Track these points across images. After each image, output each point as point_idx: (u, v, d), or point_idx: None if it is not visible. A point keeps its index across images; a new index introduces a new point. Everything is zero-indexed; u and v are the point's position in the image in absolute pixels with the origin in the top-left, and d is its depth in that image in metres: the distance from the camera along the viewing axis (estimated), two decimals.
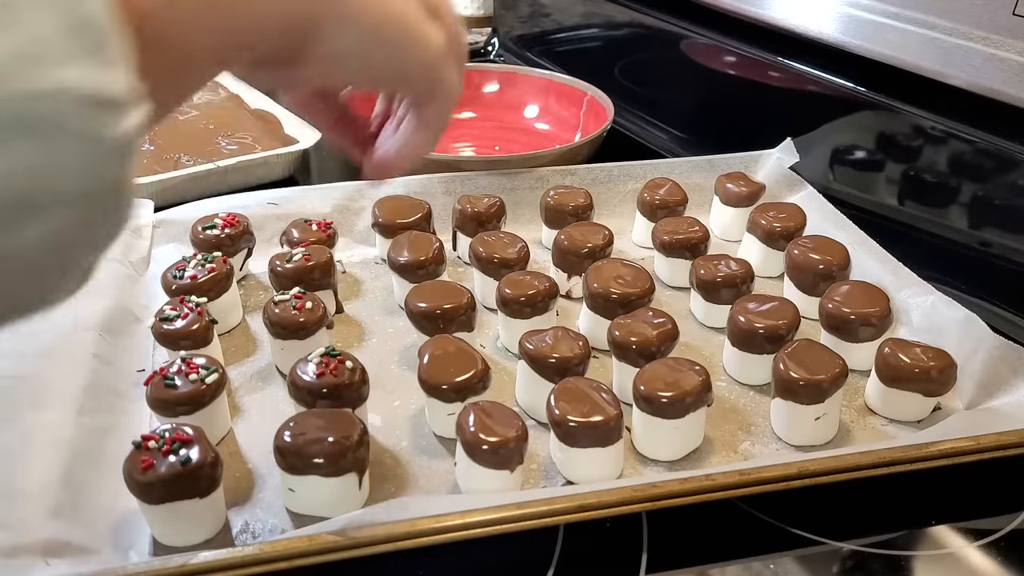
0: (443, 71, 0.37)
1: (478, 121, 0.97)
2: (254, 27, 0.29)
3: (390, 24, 0.34)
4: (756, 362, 0.56)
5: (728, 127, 0.89)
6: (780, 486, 0.44)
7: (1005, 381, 0.53)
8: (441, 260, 0.63)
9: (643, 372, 0.50)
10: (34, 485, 0.44)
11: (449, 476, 0.48)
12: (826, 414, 0.50)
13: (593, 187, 0.74)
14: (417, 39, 0.35)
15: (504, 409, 0.47)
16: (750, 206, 0.72)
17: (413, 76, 0.37)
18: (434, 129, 0.40)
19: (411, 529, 0.40)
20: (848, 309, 0.56)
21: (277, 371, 0.57)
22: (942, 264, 0.67)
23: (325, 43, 0.32)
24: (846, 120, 0.75)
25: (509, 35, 1.23)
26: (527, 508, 0.41)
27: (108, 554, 0.42)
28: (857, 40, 0.72)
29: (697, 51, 0.91)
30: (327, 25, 0.32)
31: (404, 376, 0.56)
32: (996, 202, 0.64)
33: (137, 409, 0.52)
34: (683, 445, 0.50)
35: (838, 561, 0.45)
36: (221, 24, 0.28)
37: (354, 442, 0.44)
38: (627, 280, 0.59)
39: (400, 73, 0.36)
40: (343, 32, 0.32)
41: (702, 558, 0.45)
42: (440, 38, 0.36)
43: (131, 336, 0.58)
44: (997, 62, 0.61)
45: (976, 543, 0.46)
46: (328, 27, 0.32)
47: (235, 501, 0.46)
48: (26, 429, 0.46)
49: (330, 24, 0.32)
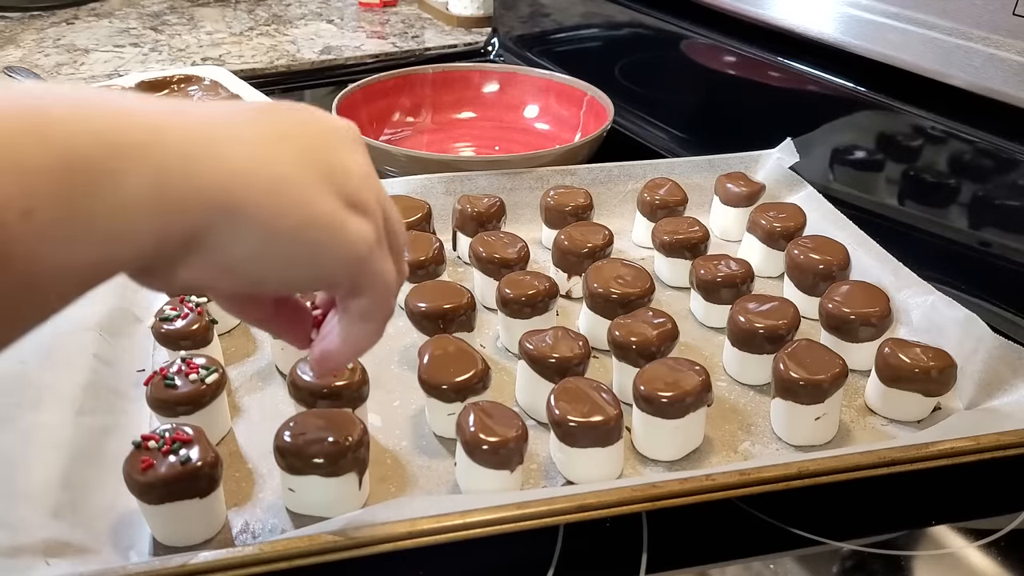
0: (371, 264, 0.33)
1: (478, 121, 0.97)
2: (123, 240, 0.26)
3: (299, 224, 0.30)
4: (756, 362, 0.56)
5: (728, 127, 0.89)
6: (780, 486, 0.44)
7: (1005, 381, 0.53)
8: (441, 260, 0.63)
9: (643, 372, 0.50)
10: (34, 485, 0.44)
11: (449, 476, 0.48)
12: (826, 414, 0.50)
13: (593, 187, 0.74)
14: (334, 237, 0.31)
15: (504, 409, 0.47)
16: (750, 206, 0.72)
17: (336, 277, 0.33)
18: (376, 321, 0.36)
19: (411, 529, 0.40)
20: (848, 309, 0.56)
21: (277, 371, 0.57)
22: (942, 264, 0.67)
23: (215, 252, 0.28)
24: (846, 120, 0.75)
25: (509, 35, 1.23)
26: (527, 508, 0.41)
27: (108, 554, 0.42)
28: (857, 40, 0.72)
29: (697, 51, 0.91)
30: (218, 232, 0.28)
31: (404, 376, 0.56)
32: (996, 202, 0.64)
33: (137, 409, 0.52)
34: (683, 445, 0.50)
35: (838, 561, 0.45)
36: (85, 238, 0.25)
37: (354, 442, 0.44)
38: (627, 280, 0.59)
39: (319, 276, 0.32)
40: (238, 239, 0.28)
41: (702, 558, 0.45)
42: (363, 230, 0.32)
43: (131, 336, 0.58)
44: (997, 62, 0.61)
45: (976, 543, 0.46)
46: (219, 234, 0.28)
47: (235, 501, 0.46)
48: (26, 429, 0.46)
49: (222, 231, 0.28)
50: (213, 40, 1.24)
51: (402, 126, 0.96)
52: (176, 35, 1.26)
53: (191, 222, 0.27)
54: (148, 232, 0.26)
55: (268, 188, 0.29)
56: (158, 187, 0.26)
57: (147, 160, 0.26)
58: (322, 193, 0.31)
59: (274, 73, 1.13)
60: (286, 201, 0.29)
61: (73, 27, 1.28)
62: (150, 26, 1.30)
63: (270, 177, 0.29)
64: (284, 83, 1.12)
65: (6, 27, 1.26)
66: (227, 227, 0.28)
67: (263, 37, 1.26)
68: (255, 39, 1.25)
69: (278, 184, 0.29)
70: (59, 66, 1.10)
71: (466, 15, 1.33)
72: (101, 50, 1.18)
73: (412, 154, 0.77)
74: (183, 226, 0.27)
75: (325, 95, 1.01)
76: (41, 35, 1.23)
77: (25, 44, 1.19)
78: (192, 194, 0.27)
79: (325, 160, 0.32)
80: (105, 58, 1.14)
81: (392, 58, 1.20)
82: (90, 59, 1.13)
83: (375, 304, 0.35)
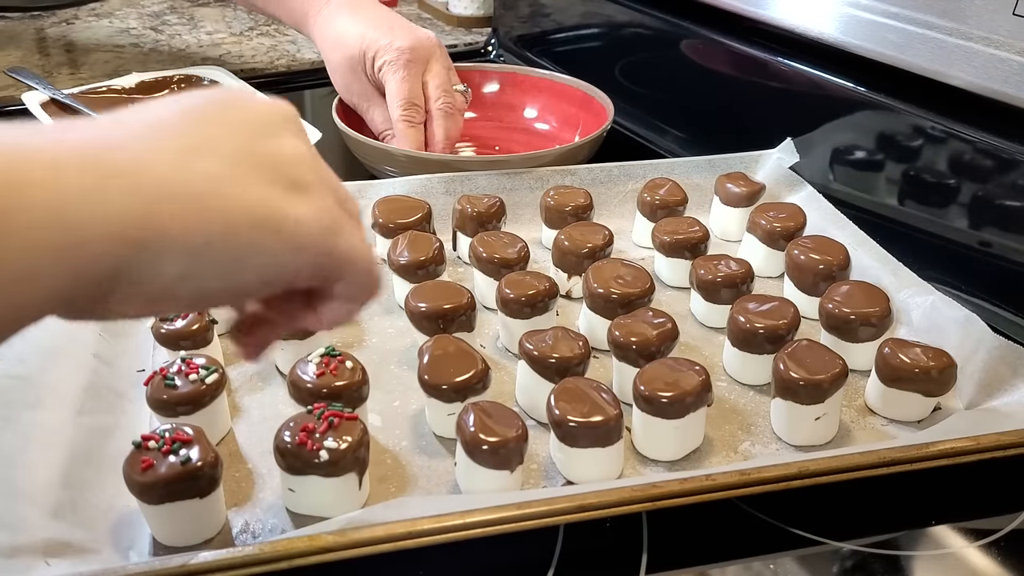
0: (336, 244, 0.32)
1: (478, 121, 0.97)
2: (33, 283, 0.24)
3: (227, 228, 0.28)
4: (756, 362, 0.56)
5: (728, 127, 0.89)
6: (780, 486, 0.44)
7: (1005, 381, 0.53)
8: (441, 260, 0.63)
9: (643, 372, 0.50)
10: (34, 485, 0.44)
11: (449, 476, 0.48)
12: (826, 414, 0.50)
13: (593, 187, 0.74)
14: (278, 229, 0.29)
15: (504, 409, 0.47)
16: (750, 206, 0.72)
17: (297, 269, 0.31)
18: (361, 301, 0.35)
19: (411, 529, 0.40)
20: (848, 309, 0.56)
21: (277, 371, 0.57)
22: (942, 264, 0.67)
23: (142, 283, 0.27)
24: (846, 120, 0.75)
25: (509, 35, 1.23)
26: (527, 508, 0.41)
27: (108, 554, 0.42)
28: (857, 40, 0.72)
29: (697, 51, 0.91)
30: (139, 262, 0.26)
31: (404, 376, 0.56)
32: (996, 202, 0.64)
33: (137, 409, 0.52)
34: (683, 445, 0.50)
35: (838, 561, 0.45)
36: None
37: (354, 442, 0.44)
38: (627, 280, 0.59)
39: (273, 276, 0.30)
40: (164, 262, 0.27)
41: (702, 558, 0.45)
42: (311, 211, 0.30)
43: (131, 336, 0.58)
44: (997, 62, 0.61)
45: (976, 543, 0.46)
46: (140, 264, 0.26)
47: (235, 501, 0.46)
48: (26, 429, 0.46)
49: (143, 260, 0.26)
50: (213, 40, 1.24)
51: None
52: (176, 35, 1.26)
53: (104, 257, 0.26)
54: (59, 274, 0.25)
55: (190, 196, 0.27)
56: (60, 225, 0.24)
57: (45, 198, 0.24)
58: (257, 185, 0.29)
59: (274, 73, 1.13)
60: (214, 205, 0.28)
61: (73, 27, 1.28)
62: (150, 26, 1.30)
63: (192, 183, 0.28)
64: (284, 83, 1.12)
65: (6, 27, 1.26)
66: (147, 255, 0.26)
67: (263, 37, 1.26)
68: (255, 39, 1.25)
69: (202, 189, 0.28)
70: (59, 66, 1.10)
71: (466, 15, 1.33)
72: (101, 50, 1.18)
73: (412, 154, 0.77)
74: (96, 263, 0.26)
75: (325, 95, 1.01)
76: (41, 35, 1.23)
77: (25, 44, 1.19)
78: (98, 229, 0.25)
79: (257, 150, 0.30)
80: (105, 58, 1.14)
81: None
82: (90, 59, 1.13)
83: (356, 284, 0.34)
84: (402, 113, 0.80)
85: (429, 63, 0.83)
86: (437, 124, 0.82)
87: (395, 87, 0.80)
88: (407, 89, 0.80)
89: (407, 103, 0.80)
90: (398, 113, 0.80)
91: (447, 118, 0.82)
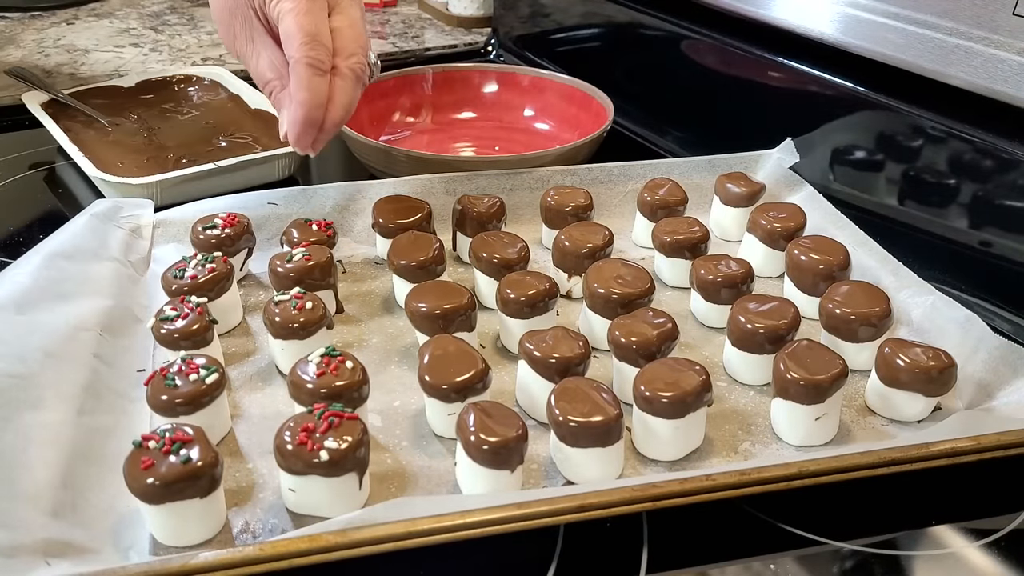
0: None
1: (478, 121, 0.97)
2: None
3: None
4: (756, 362, 0.56)
5: (728, 127, 0.89)
6: (780, 486, 0.44)
7: (1005, 381, 0.53)
8: (441, 260, 0.63)
9: (643, 372, 0.50)
10: (34, 485, 0.44)
11: (449, 476, 0.48)
12: (826, 414, 0.50)
13: (593, 187, 0.74)
14: None
15: (504, 409, 0.47)
16: (750, 206, 0.72)
17: None
18: None
19: (411, 529, 0.40)
20: (848, 309, 0.56)
21: (277, 371, 0.57)
22: (942, 264, 0.67)
23: None
24: (846, 120, 0.75)
25: (509, 35, 1.23)
26: (527, 508, 0.41)
27: (108, 554, 0.42)
28: (857, 40, 0.72)
29: (697, 51, 0.91)
30: None
31: (404, 376, 0.56)
32: (996, 202, 0.64)
33: (137, 409, 0.52)
34: (683, 445, 0.50)
35: (838, 561, 0.45)
36: None
37: (354, 442, 0.44)
38: (627, 280, 0.59)
39: None
40: None
41: (702, 558, 0.45)
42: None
43: (131, 336, 0.58)
44: (997, 62, 0.61)
45: (976, 543, 0.46)
46: None
47: (235, 501, 0.46)
48: (26, 429, 0.46)
49: None
50: (213, 40, 1.24)
51: (402, 126, 0.96)
52: (176, 35, 1.26)
53: None
54: None
55: None
56: None
57: None
58: None
59: None
60: None
61: (73, 27, 1.28)
62: (150, 26, 1.30)
63: None
64: None
65: (6, 27, 1.26)
66: None
67: None
68: None
69: None
70: (59, 66, 1.10)
71: (466, 15, 1.33)
72: (101, 50, 1.18)
73: (412, 154, 0.77)
74: None
75: None
76: (41, 35, 1.23)
77: (25, 44, 1.19)
78: None
79: None
80: (105, 58, 1.14)
81: (392, 58, 1.20)
82: (90, 59, 1.13)
83: None
84: (307, 52, 0.57)
85: (339, 2, 0.62)
86: (341, 88, 0.59)
87: (294, 20, 0.58)
88: (311, 23, 0.58)
89: (312, 39, 0.58)
90: (301, 52, 0.57)
91: (357, 84, 0.61)
